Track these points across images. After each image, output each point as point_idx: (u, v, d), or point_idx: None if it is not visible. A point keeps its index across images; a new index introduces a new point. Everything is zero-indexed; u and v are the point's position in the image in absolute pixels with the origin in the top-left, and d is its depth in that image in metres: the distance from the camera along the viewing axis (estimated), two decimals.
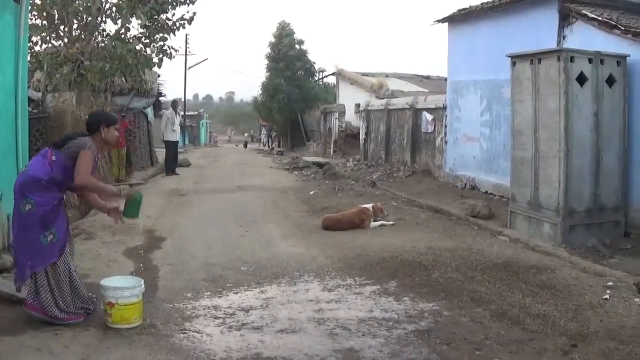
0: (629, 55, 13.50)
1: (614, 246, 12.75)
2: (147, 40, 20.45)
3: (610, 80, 13.15)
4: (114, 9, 20.12)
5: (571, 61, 12.70)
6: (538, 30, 16.57)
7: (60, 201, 8.10)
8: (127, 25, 20.04)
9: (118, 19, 20.09)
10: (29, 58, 16.00)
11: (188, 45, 72.06)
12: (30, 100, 14.80)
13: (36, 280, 7.86)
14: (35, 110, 16.02)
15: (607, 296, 8.99)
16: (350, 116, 41.47)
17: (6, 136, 11.63)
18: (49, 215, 7.86)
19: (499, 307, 8.90)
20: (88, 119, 8.71)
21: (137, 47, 20.03)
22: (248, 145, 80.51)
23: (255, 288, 10.34)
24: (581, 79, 12.79)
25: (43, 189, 7.79)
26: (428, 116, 25.36)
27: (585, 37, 14.87)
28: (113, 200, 8.71)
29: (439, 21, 22.62)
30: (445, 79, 24.98)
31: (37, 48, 19.45)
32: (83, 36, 20.05)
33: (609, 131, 13.07)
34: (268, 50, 59.33)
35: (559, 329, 7.98)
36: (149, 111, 31.88)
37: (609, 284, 9.64)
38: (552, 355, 7.19)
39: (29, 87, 15.59)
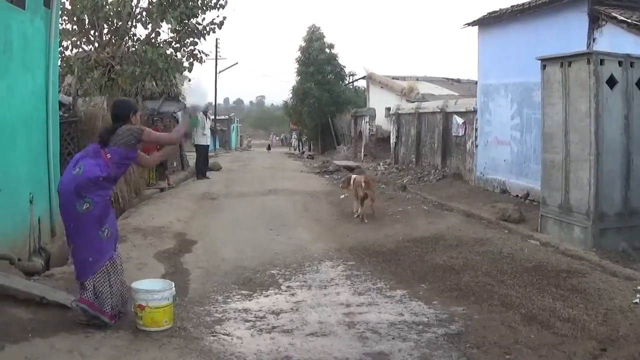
0: None
1: None
2: (178, 45, 20.59)
3: None
4: (144, 13, 20.27)
5: (601, 64, 12.64)
6: (568, 33, 16.51)
7: (110, 197, 8.37)
8: (157, 29, 20.20)
9: (148, 23, 20.23)
10: (59, 62, 16.13)
11: (218, 50, 72.17)
12: (61, 104, 14.92)
13: (95, 280, 7.97)
14: (66, 115, 16.12)
15: (638, 300, 8.96)
16: (381, 120, 41.38)
17: (37, 140, 11.75)
18: (104, 212, 8.06)
19: (529, 311, 8.90)
20: (116, 108, 8.79)
21: (168, 52, 20.15)
22: (278, 149, 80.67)
23: (286, 291, 10.40)
24: (611, 82, 12.72)
25: (99, 187, 7.94)
26: (459, 120, 25.30)
27: (615, 40, 14.80)
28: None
29: (469, 24, 22.56)
30: (476, 82, 24.86)
31: (67, 53, 19.62)
32: (113, 41, 20.18)
33: (639, 134, 13.01)
34: (298, 54, 59.15)
35: (589, 332, 7.97)
36: (180, 115, 31.97)
37: (639, 288, 9.60)
38: (582, 359, 7.18)
39: (59, 91, 15.67)
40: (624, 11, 15.18)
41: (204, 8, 20.74)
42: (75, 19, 19.29)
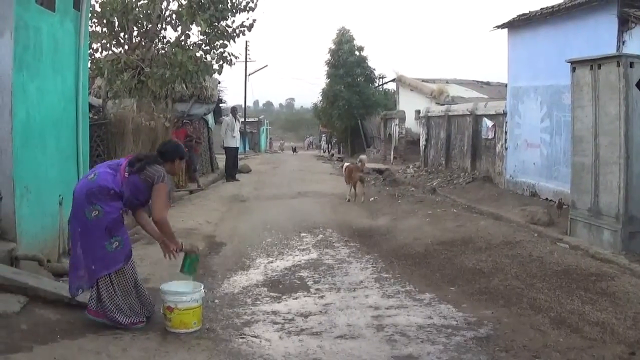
0: None
1: None
2: (207, 47, 20.62)
3: None
4: (174, 16, 20.35)
5: (631, 67, 12.58)
6: (597, 36, 16.47)
7: (124, 210, 8.24)
8: (187, 32, 20.26)
9: (178, 26, 20.30)
10: (89, 65, 16.21)
11: (248, 52, 72.42)
12: (91, 106, 15.01)
13: (99, 286, 7.97)
14: (96, 117, 16.25)
15: None
16: (410, 122, 41.39)
17: (67, 142, 11.83)
18: (115, 223, 7.99)
19: (558, 315, 8.88)
20: (165, 147, 8.84)
21: (197, 54, 20.20)
22: (308, 151, 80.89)
23: (315, 294, 10.44)
24: None
25: (110, 198, 7.92)
26: (488, 122, 25.27)
27: None
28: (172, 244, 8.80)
29: (498, 27, 22.55)
30: (505, 85, 24.89)
31: (97, 55, 19.70)
32: (143, 43, 20.26)
33: None
34: (328, 56, 59.08)
35: (618, 336, 7.94)
36: (210, 118, 32.05)
37: None
38: None
39: (89, 93, 15.79)
40: None
41: (234, 11, 20.79)
42: (105, 21, 19.39)
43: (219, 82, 32.22)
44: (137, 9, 19.70)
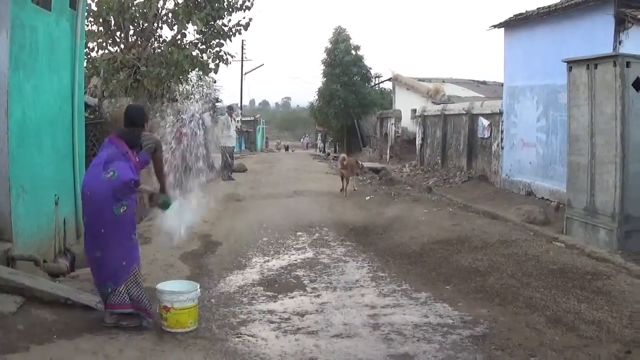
0: None
1: None
2: (204, 46, 20.64)
3: None
4: (170, 15, 20.34)
5: (627, 66, 12.61)
6: (594, 36, 16.49)
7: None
8: (183, 31, 20.23)
9: (174, 25, 20.29)
10: (85, 64, 16.22)
11: (244, 51, 72.41)
12: (87, 105, 15.04)
13: (128, 282, 8.02)
14: (92, 116, 16.24)
15: None
16: (407, 122, 41.44)
17: (63, 141, 11.86)
18: (134, 215, 8.18)
19: (554, 313, 8.90)
20: (134, 112, 8.74)
21: (194, 53, 20.21)
22: (304, 150, 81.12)
23: (311, 293, 10.46)
24: (637, 84, 12.66)
25: (131, 191, 8.03)
26: (484, 122, 25.30)
27: None
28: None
29: (495, 26, 22.58)
30: (502, 85, 24.91)
31: (93, 54, 19.69)
32: (139, 42, 20.25)
33: None
34: (324, 55, 59.24)
35: (614, 335, 7.96)
36: (206, 116, 32.03)
37: None
38: None
39: (85, 92, 15.78)
40: None
41: (230, 10, 20.81)
42: (101, 20, 19.37)
43: (215, 82, 32.24)
44: (133, 8, 19.68)
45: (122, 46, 20.18)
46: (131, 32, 20.37)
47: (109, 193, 7.82)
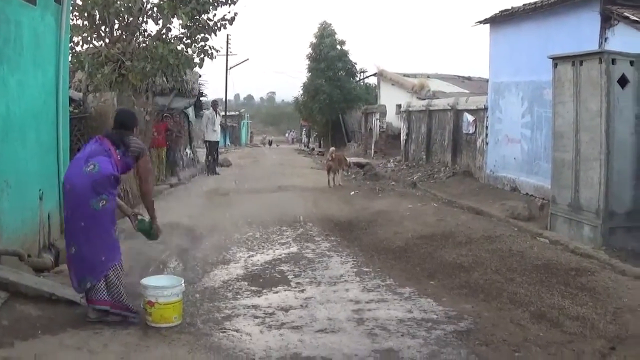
0: None
1: None
2: (189, 41, 20.54)
3: None
4: (155, 9, 20.22)
5: (613, 63, 12.63)
6: (580, 32, 16.50)
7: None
8: (168, 25, 20.13)
9: (159, 19, 20.19)
10: (70, 58, 16.15)
11: (229, 46, 72.20)
12: (71, 100, 14.95)
13: (108, 276, 8.00)
14: (76, 110, 16.16)
15: None
16: (391, 117, 41.43)
17: (48, 136, 11.80)
18: (114, 210, 8.17)
19: (538, 309, 8.92)
20: (125, 117, 8.81)
21: (178, 47, 20.11)
22: (289, 145, 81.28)
23: (295, 288, 10.46)
24: (623, 81, 12.71)
25: (111, 186, 8.01)
26: (469, 117, 25.32)
27: (627, 40, 14.78)
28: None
29: (480, 22, 22.58)
30: (487, 80, 24.89)
31: (78, 48, 19.56)
32: (124, 36, 20.16)
33: None
34: (309, 50, 59.02)
35: (598, 331, 7.98)
36: (190, 111, 32.03)
37: None
38: (591, 357, 7.21)
39: (70, 87, 15.73)
40: (636, 11, 15.15)
41: (215, 4, 20.73)
42: (86, 14, 19.26)
43: (200, 76, 32.21)
44: (118, 2, 19.57)
45: (107, 40, 20.07)
46: (116, 27, 20.27)
47: (89, 186, 7.83)
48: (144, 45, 20.17)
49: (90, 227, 7.88)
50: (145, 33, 20.76)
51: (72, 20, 18.13)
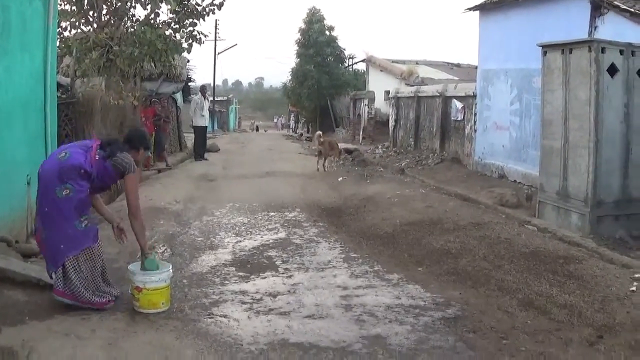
0: None
1: None
2: (177, 26, 20.48)
3: None
4: None
5: (602, 52, 12.63)
6: (569, 20, 16.51)
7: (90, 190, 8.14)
8: (156, 10, 20.06)
9: (147, 4, 20.09)
10: (58, 43, 16.06)
11: (218, 31, 72.00)
12: (59, 85, 14.89)
13: (65, 266, 7.89)
14: (64, 96, 16.09)
15: (634, 288, 8.94)
16: (380, 103, 41.46)
17: (35, 121, 11.74)
18: (84, 202, 7.96)
19: (526, 297, 8.92)
20: (132, 134, 8.81)
21: (167, 33, 20.05)
22: (279, 130, 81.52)
23: (283, 274, 10.43)
24: (612, 70, 12.72)
25: (80, 178, 7.85)
26: (458, 104, 25.35)
27: (617, 29, 14.80)
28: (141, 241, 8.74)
29: (470, 9, 22.56)
30: (476, 67, 24.90)
31: (66, 33, 19.49)
32: (112, 21, 20.08)
33: (638, 123, 12.98)
34: (298, 36, 59.08)
35: (586, 319, 7.98)
36: (178, 96, 32.01)
37: (636, 275, 9.55)
38: (578, 345, 7.20)
39: (58, 72, 15.64)
40: (626, 0, 15.16)
41: None
42: None
43: (188, 61, 32.12)
44: None
45: (94, 25, 19.98)
46: (104, 12, 20.18)
47: (55, 173, 7.80)
48: (132, 30, 20.08)
49: (52, 214, 7.85)
50: (134, 18, 20.71)
51: (60, 5, 18.02)
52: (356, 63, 63.39)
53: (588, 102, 12.67)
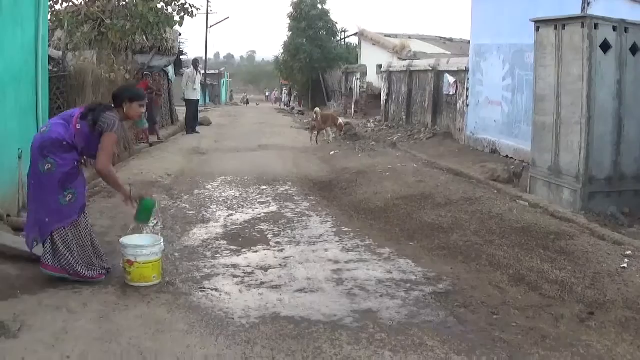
0: None
1: (633, 215, 12.68)
2: None
3: (634, 49, 12.99)
4: None
5: (595, 28, 12.59)
6: None
7: (78, 163, 8.09)
8: None
9: None
10: (49, 17, 16.00)
11: (209, 4, 71.85)
12: (50, 59, 14.84)
13: (54, 239, 7.88)
14: (55, 69, 16.08)
15: (625, 265, 8.95)
16: (372, 77, 41.43)
17: (27, 95, 11.68)
18: (68, 176, 7.86)
19: (517, 272, 8.93)
20: (115, 92, 8.65)
21: (159, 5, 19.99)
22: (273, 104, 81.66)
23: (274, 247, 10.43)
24: (605, 47, 12.69)
25: (63, 151, 7.78)
26: (450, 79, 25.32)
27: (610, 5, 14.79)
28: (120, 193, 8.67)
29: None
30: (468, 42, 24.87)
31: (57, 7, 19.42)
32: None
33: (631, 100, 12.96)
34: (290, 9, 58.95)
35: (576, 296, 7.99)
36: (170, 70, 31.94)
37: (628, 252, 9.57)
38: (569, 322, 7.21)
39: (49, 46, 15.59)
40: None
41: None
42: None
43: (180, 34, 32.06)
44: None
45: None
46: None
47: (38, 147, 7.79)
48: (124, 3, 20.05)
49: (36, 188, 7.88)
50: None
51: None
52: (348, 37, 63.34)
53: (580, 78, 12.64)
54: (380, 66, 37.36)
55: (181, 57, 35.45)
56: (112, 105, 8.32)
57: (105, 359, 5.97)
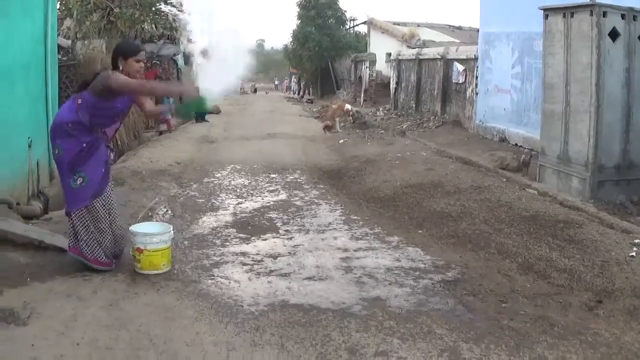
0: None
1: None
2: None
3: None
4: None
5: (604, 16, 12.56)
6: None
7: (90, 144, 7.92)
8: None
9: None
10: (58, 5, 16.01)
11: None
12: (60, 47, 14.88)
13: (73, 223, 7.93)
14: (65, 58, 16.09)
15: (634, 253, 8.92)
16: (381, 65, 41.34)
17: (36, 83, 11.72)
18: (76, 160, 7.83)
19: (525, 260, 8.93)
20: (114, 49, 8.57)
21: None
22: (283, 93, 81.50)
23: (284, 235, 10.47)
24: (613, 35, 12.66)
25: (66, 135, 7.77)
26: (459, 67, 25.26)
27: None
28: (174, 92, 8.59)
29: None
30: (477, 30, 24.84)
31: None
32: None
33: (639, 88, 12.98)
34: None
35: (585, 284, 7.98)
36: (179, 58, 31.93)
37: (636, 241, 9.54)
38: (577, 310, 7.21)
39: (58, 34, 15.61)
40: None
41: None
42: None
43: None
44: None
45: None
46: None
47: (50, 134, 7.98)
48: None
49: (58, 171, 8.06)
50: None
51: None
52: (357, 25, 63.22)
53: (589, 66, 12.62)
54: (389, 54, 37.30)
55: (190, 45, 35.48)
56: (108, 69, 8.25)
57: (114, 345, 5.99)
